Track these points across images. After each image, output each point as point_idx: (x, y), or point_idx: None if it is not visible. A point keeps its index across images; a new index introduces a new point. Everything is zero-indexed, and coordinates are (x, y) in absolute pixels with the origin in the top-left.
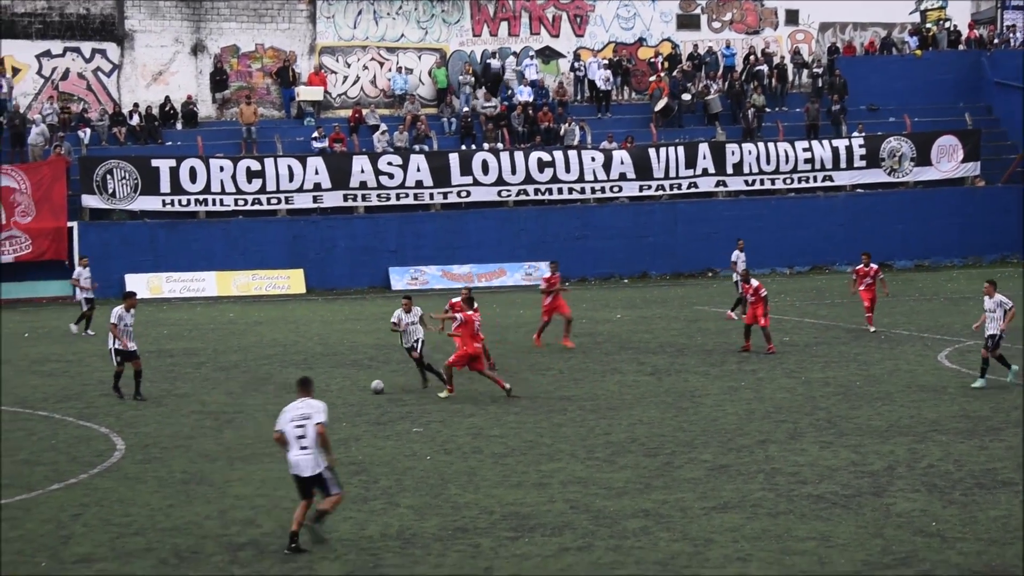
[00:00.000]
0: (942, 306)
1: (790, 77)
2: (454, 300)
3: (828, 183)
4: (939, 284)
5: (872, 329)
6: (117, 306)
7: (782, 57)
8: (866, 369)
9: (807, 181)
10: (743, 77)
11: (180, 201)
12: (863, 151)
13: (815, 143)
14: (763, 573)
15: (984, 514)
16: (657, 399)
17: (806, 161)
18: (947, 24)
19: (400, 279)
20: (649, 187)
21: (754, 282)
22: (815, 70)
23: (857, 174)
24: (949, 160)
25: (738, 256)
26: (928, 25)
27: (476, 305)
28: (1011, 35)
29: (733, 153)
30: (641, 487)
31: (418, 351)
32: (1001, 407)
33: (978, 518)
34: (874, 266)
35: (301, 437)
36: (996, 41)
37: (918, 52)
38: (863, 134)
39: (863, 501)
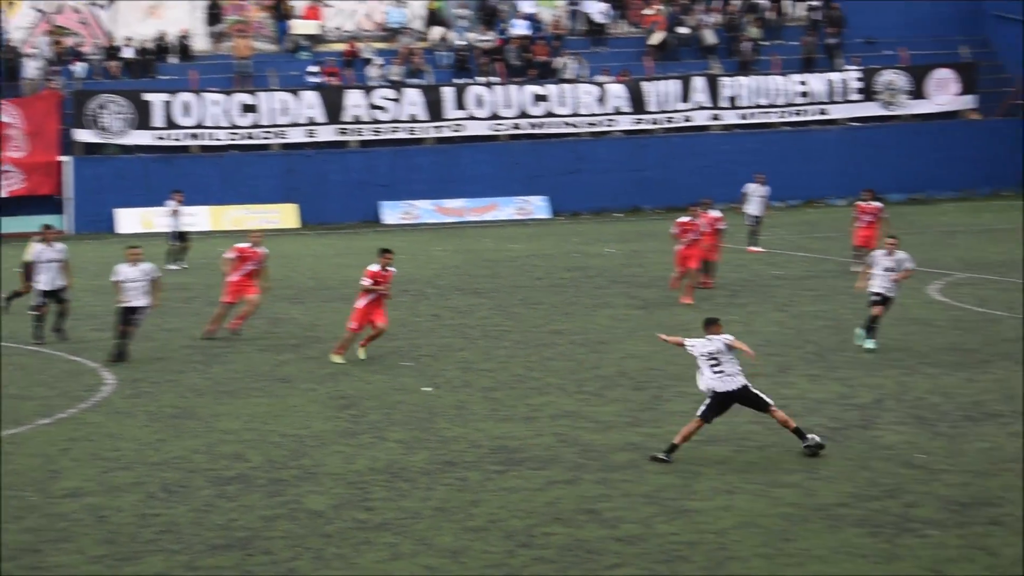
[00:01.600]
0: (934, 239)
1: (787, 10)
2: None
3: (823, 116)
4: (932, 218)
5: (857, 268)
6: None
7: None
8: (857, 302)
9: (802, 115)
10: (740, 10)
11: (173, 135)
12: (859, 84)
13: (811, 76)
14: (750, 506)
15: (971, 446)
16: (647, 333)
17: (801, 95)
18: None
19: (392, 213)
20: (644, 121)
21: (714, 212)
22: (812, 2)
23: (852, 108)
24: (945, 93)
25: (755, 189)
26: None
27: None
28: None
29: (728, 87)
30: (630, 420)
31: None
32: (991, 340)
33: (965, 450)
34: (877, 204)
35: (715, 366)
36: None
37: None
38: (859, 67)
39: (850, 434)
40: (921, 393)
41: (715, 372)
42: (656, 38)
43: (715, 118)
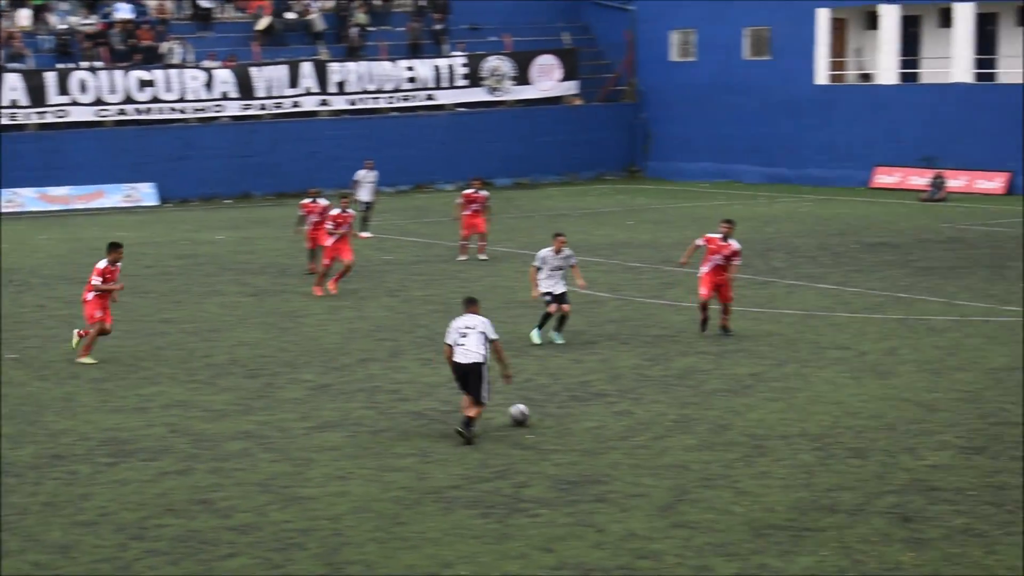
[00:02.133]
0: (540, 223)
1: None
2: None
3: (430, 102)
4: (538, 201)
5: (463, 258)
6: None
7: None
8: (466, 286)
9: (410, 100)
10: None
11: None
12: (465, 70)
13: (417, 62)
14: (363, 491)
15: (578, 425)
16: (259, 320)
17: (409, 80)
18: None
19: None
20: (252, 106)
21: (323, 201)
22: None
23: (459, 93)
24: (548, 79)
25: (365, 175)
26: None
27: None
28: None
29: (336, 72)
30: (242, 409)
31: None
32: (595, 321)
33: (572, 429)
34: (483, 193)
35: (463, 337)
36: None
37: None
38: (464, 53)
39: (461, 416)
40: (530, 374)
41: (459, 345)
42: (263, 23)
43: (324, 103)
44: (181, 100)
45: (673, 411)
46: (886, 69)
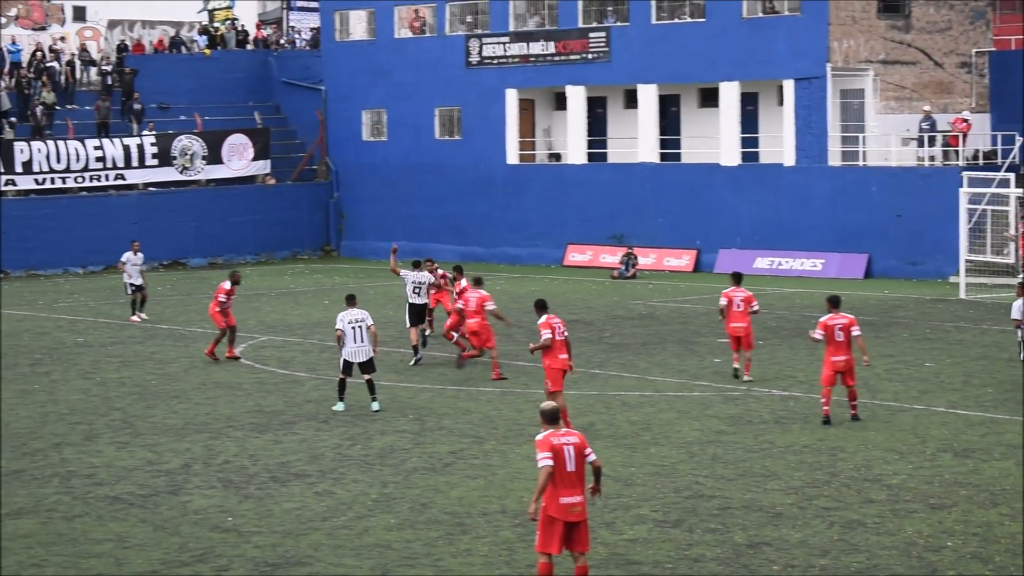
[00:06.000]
0: (237, 304)
1: (79, 74)
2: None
3: (121, 181)
4: None
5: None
6: None
7: (72, 54)
8: (162, 368)
9: (99, 180)
10: (32, 74)
11: None
12: (155, 149)
13: (106, 141)
14: None
15: (279, 506)
16: None
17: (98, 159)
18: (235, 24)
19: None
20: None
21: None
22: (104, 67)
23: (149, 172)
24: (240, 158)
25: (129, 257)
26: (216, 24)
27: None
28: (295, 36)
29: (22, 151)
30: None
31: None
32: (294, 402)
33: (273, 511)
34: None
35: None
36: (282, 41)
37: (207, 51)
38: (154, 132)
39: (160, 500)
40: (229, 456)
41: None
42: None
43: (10, 183)
44: None
45: (374, 490)
46: (574, 149)
